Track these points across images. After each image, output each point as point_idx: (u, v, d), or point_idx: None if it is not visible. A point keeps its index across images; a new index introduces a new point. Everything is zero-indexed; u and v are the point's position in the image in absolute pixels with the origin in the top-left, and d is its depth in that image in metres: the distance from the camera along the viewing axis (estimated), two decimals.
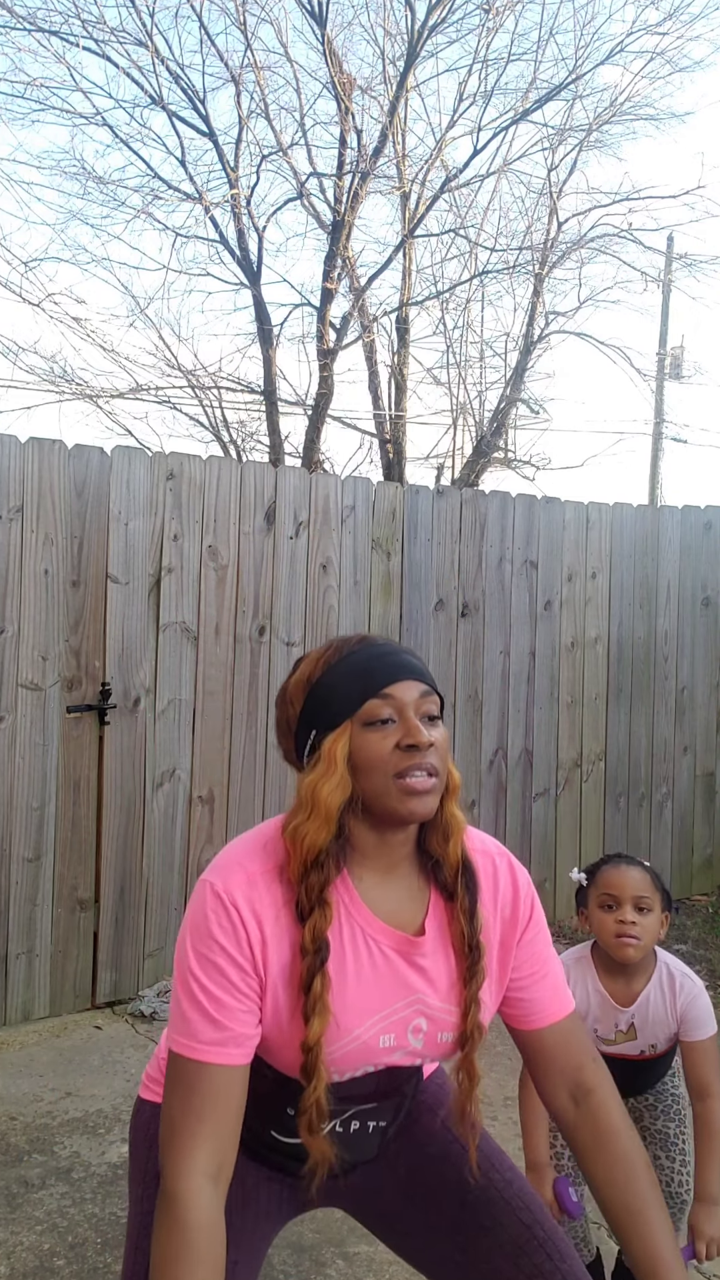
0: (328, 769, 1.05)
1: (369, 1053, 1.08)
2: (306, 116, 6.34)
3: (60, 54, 5.90)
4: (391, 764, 1.05)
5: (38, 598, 3.02)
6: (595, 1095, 1.15)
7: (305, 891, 1.04)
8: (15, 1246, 2.03)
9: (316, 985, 1.01)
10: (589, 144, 7.08)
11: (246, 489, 3.41)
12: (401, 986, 1.09)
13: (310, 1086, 1.01)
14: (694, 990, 1.74)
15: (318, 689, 1.10)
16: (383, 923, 1.10)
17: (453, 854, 1.11)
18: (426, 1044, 1.11)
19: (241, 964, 1.04)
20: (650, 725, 4.43)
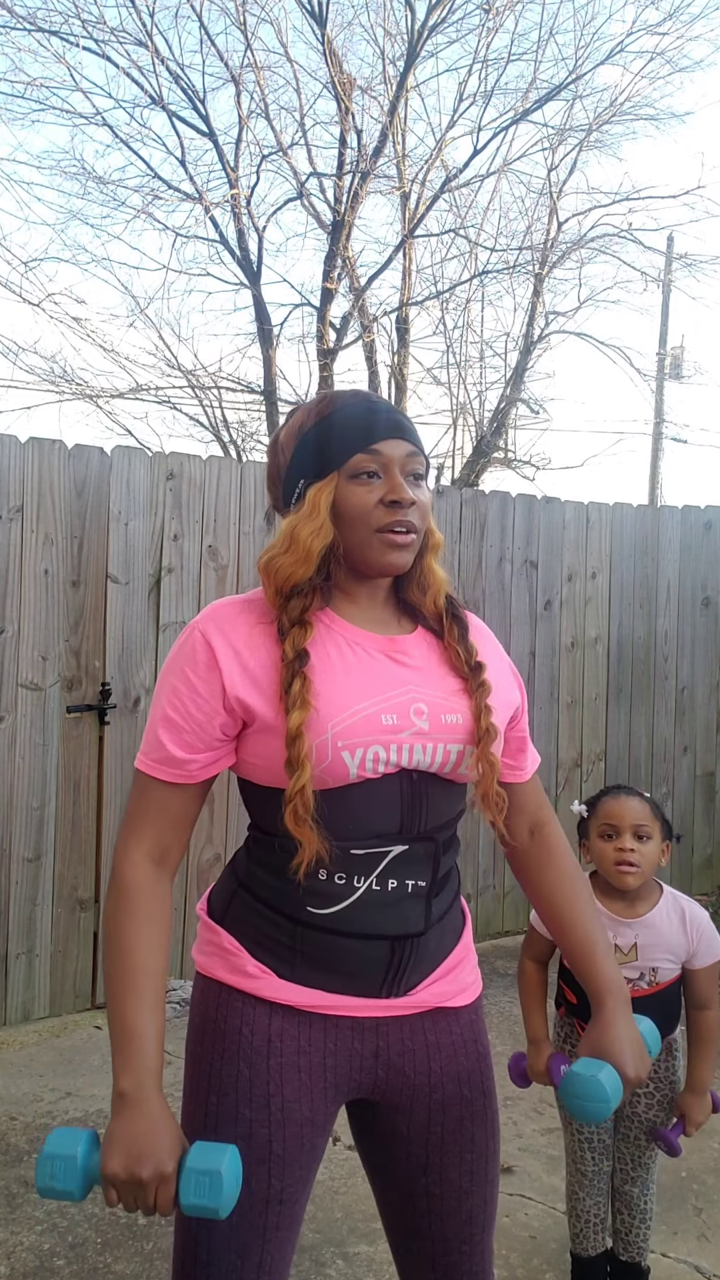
0: (311, 513, 1.11)
1: (374, 726, 1.08)
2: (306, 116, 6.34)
3: (60, 54, 5.90)
4: (374, 518, 1.10)
5: (38, 598, 3.02)
6: (547, 828, 1.31)
7: (285, 614, 1.10)
8: (15, 1246, 2.03)
9: (295, 686, 1.05)
10: (589, 144, 7.08)
11: (246, 489, 3.41)
12: (391, 678, 1.12)
13: (295, 777, 1.04)
14: (702, 919, 1.80)
15: (308, 439, 1.13)
16: (364, 630, 1.15)
17: (429, 604, 1.19)
18: (433, 724, 1.11)
19: (200, 690, 1.09)
20: (650, 725, 4.43)
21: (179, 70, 6.03)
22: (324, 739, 1.06)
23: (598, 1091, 1.14)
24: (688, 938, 1.78)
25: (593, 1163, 1.89)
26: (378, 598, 1.18)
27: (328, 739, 1.06)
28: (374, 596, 1.18)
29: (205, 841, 3.34)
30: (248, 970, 1.14)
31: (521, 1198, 2.28)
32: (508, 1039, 3.02)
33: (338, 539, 1.12)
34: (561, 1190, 2.24)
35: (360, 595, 1.17)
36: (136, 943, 1.08)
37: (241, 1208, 1.09)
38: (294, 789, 1.04)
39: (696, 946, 1.78)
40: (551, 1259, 2.06)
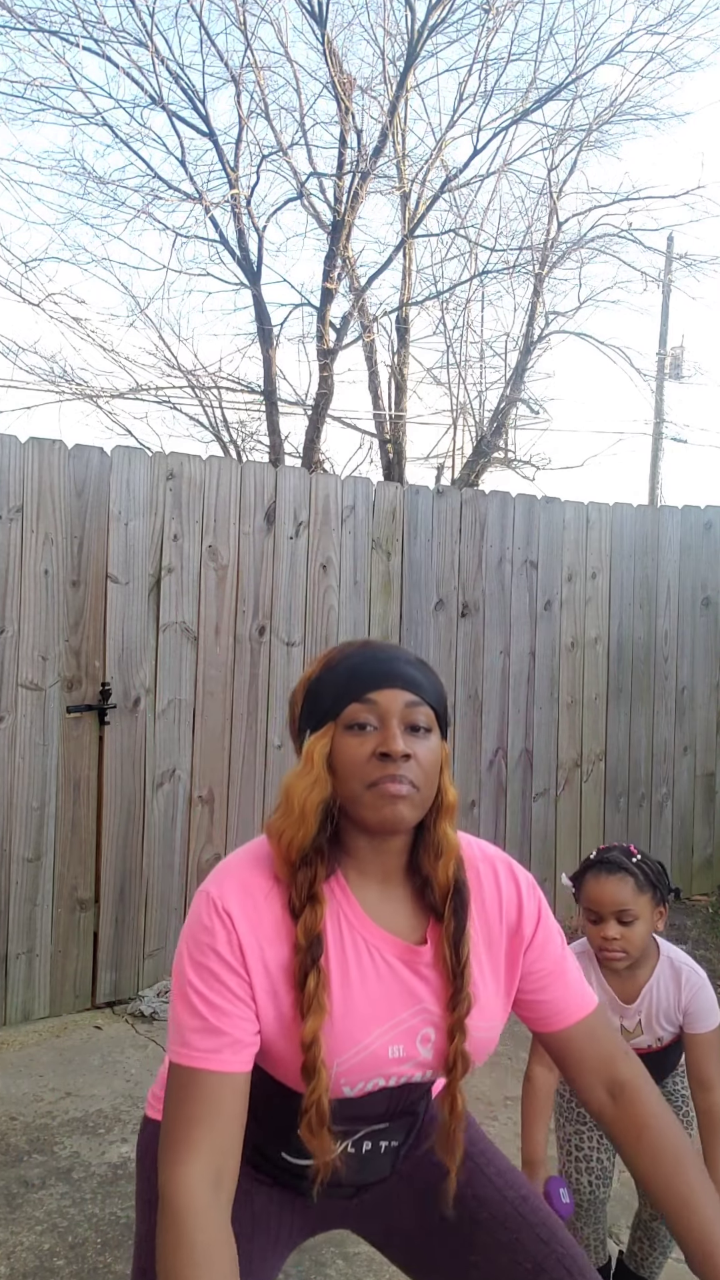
0: (305, 768, 1.06)
1: (379, 1063, 1.06)
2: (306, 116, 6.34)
3: (60, 54, 5.90)
4: (364, 772, 1.04)
5: (38, 598, 3.02)
6: (630, 1087, 1.13)
7: (295, 889, 1.04)
8: (15, 1246, 2.03)
9: (310, 982, 1.00)
10: (589, 144, 7.08)
11: (246, 489, 3.41)
12: (406, 995, 1.08)
13: (310, 1086, 1.00)
14: (698, 983, 1.73)
15: (313, 688, 1.10)
16: (384, 931, 1.09)
17: (442, 875, 1.09)
18: (436, 1054, 1.09)
19: (236, 969, 1.03)
20: (650, 725, 4.43)
21: (179, 70, 6.04)
22: (328, 1073, 1.03)
23: None
24: (680, 997, 1.72)
25: (590, 1189, 1.84)
26: (390, 863, 1.11)
27: (331, 1074, 1.04)
28: (385, 866, 1.10)
29: (205, 841, 3.34)
30: None
31: None
32: (508, 1039, 3.01)
33: (336, 793, 1.06)
34: None
35: (372, 861, 1.10)
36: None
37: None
38: (310, 1099, 1.01)
39: (688, 1007, 1.72)
40: None
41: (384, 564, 3.71)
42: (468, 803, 3.87)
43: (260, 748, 3.44)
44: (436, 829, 1.09)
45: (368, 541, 3.66)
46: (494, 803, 3.95)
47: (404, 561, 3.75)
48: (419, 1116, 1.18)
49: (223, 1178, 0.98)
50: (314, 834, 1.04)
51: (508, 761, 3.99)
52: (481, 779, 3.92)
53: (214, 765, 3.36)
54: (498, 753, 3.96)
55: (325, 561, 3.56)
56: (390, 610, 3.72)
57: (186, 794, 3.31)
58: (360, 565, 3.65)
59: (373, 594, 3.68)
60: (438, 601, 3.83)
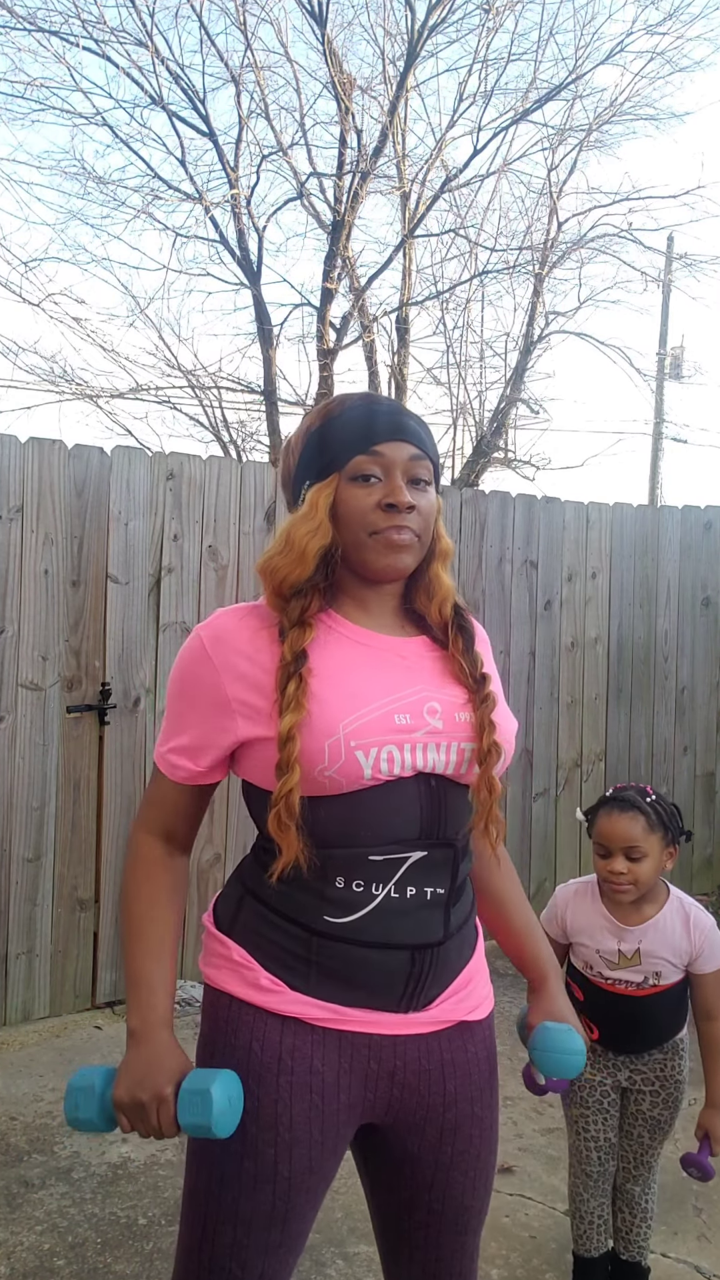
0: (308, 514, 1.10)
1: (387, 726, 1.06)
2: (306, 116, 6.34)
3: (60, 54, 5.90)
4: (370, 521, 1.09)
5: (38, 598, 3.02)
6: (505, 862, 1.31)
7: (286, 614, 1.10)
8: (15, 1246, 2.03)
9: (290, 688, 1.04)
10: (589, 144, 7.07)
11: (246, 489, 3.41)
12: (401, 677, 1.11)
13: (282, 780, 1.03)
14: (709, 922, 1.79)
15: (313, 440, 1.13)
16: (371, 631, 1.14)
17: (435, 613, 1.16)
18: (447, 723, 1.09)
19: (203, 699, 1.10)
20: (650, 725, 4.43)
21: (179, 70, 6.03)
22: (336, 738, 1.03)
23: (573, 1043, 1.21)
24: (691, 941, 1.77)
25: (598, 1162, 1.89)
26: (386, 604, 1.17)
27: (340, 738, 1.03)
28: (382, 603, 1.16)
29: (205, 841, 3.34)
30: (260, 984, 1.11)
31: (521, 1198, 2.28)
32: (507, 1039, 3.01)
33: (337, 540, 1.11)
34: (562, 1190, 2.24)
35: (368, 600, 1.16)
36: (147, 903, 1.15)
37: (245, 1221, 1.08)
38: (281, 791, 1.03)
39: (700, 949, 1.77)
40: (551, 1259, 2.06)
41: None
42: None
43: None
44: (429, 571, 1.16)
45: None
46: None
47: None
48: (459, 854, 1.12)
49: (174, 837, 1.20)
50: (310, 574, 1.10)
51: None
52: None
53: None
54: None
55: None
56: None
57: None
58: None
59: None
60: None
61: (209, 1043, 1.15)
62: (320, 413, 1.15)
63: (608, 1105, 1.89)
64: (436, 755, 1.08)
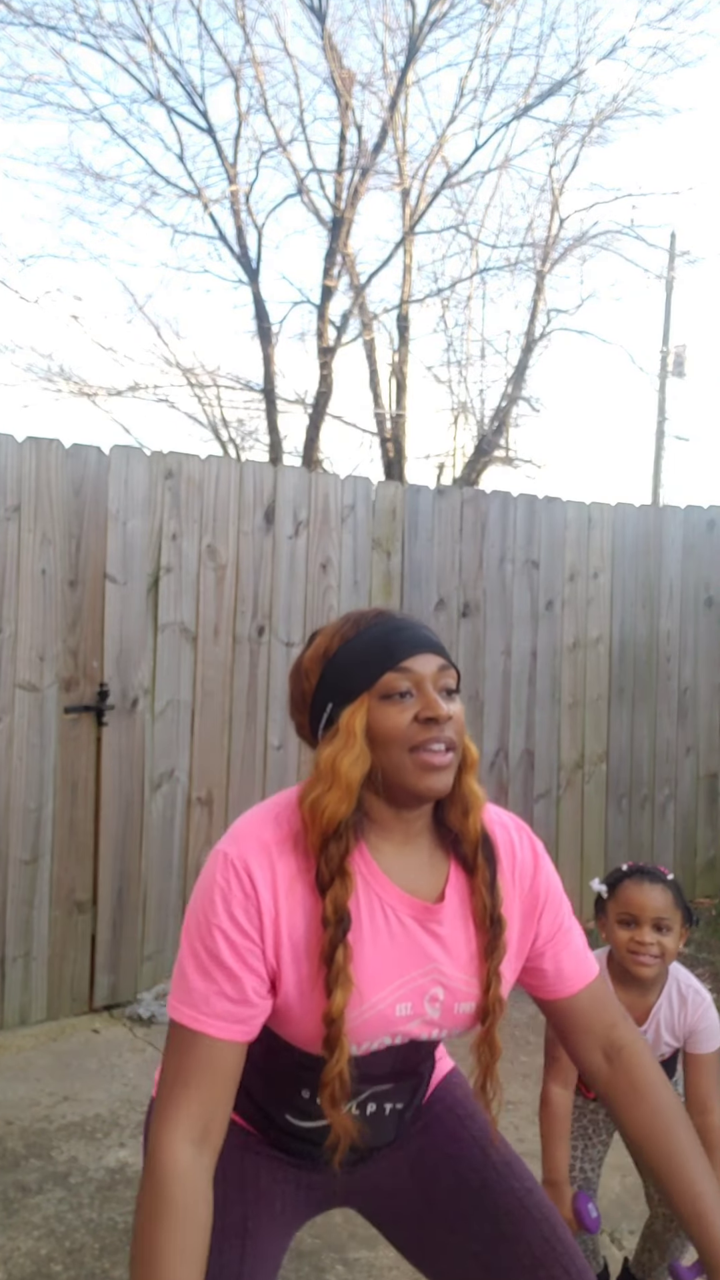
0: (347, 741, 1.05)
1: (387, 1022, 1.06)
2: (306, 112, 6.32)
3: (58, 49, 5.88)
4: (409, 737, 1.05)
5: (35, 598, 2.99)
6: (628, 1050, 1.15)
7: (325, 862, 1.03)
8: (12, 1252, 2.01)
9: (339, 957, 1.00)
10: (590, 140, 7.05)
11: (245, 488, 3.39)
12: (419, 954, 1.08)
13: (333, 1059, 1.00)
14: (703, 1004, 1.73)
15: (335, 662, 1.10)
16: (400, 890, 1.09)
17: (472, 828, 1.12)
18: (444, 1014, 1.09)
19: (250, 934, 1.02)
20: (653, 726, 4.41)
21: (177, 65, 6.01)
22: None
23: None
24: (687, 1016, 1.72)
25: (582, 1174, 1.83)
26: (413, 828, 1.12)
27: None
28: (408, 829, 1.11)
29: (204, 843, 3.32)
30: None
31: None
32: (507, 1041, 2.99)
33: (374, 764, 1.06)
34: None
35: (395, 830, 1.10)
36: (169, 1249, 0.95)
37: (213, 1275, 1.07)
38: (332, 1072, 1.01)
39: (695, 1026, 1.72)
40: None
41: (384, 563, 3.68)
42: None
43: (259, 749, 3.42)
44: (463, 784, 1.12)
45: (368, 541, 3.64)
46: (495, 804, 3.93)
47: (404, 561, 3.73)
48: (423, 1079, 1.17)
49: (209, 1136, 1.00)
50: (354, 809, 1.05)
51: (509, 762, 3.97)
52: (483, 780, 3.88)
53: (213, 766, 3.34)
54: (499, 753, 3.94)
55: (325, 561, 3.54)
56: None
57: (185, 795, 3.29)
58: (360, 565, 3.62)
59: (373, 594, 3.66)
60: (438, 601, 3.80)
61: None
62: (335, 635, 1.12)
63: (591, 1133, 1.84)
64: (424, 1037, 1.12)
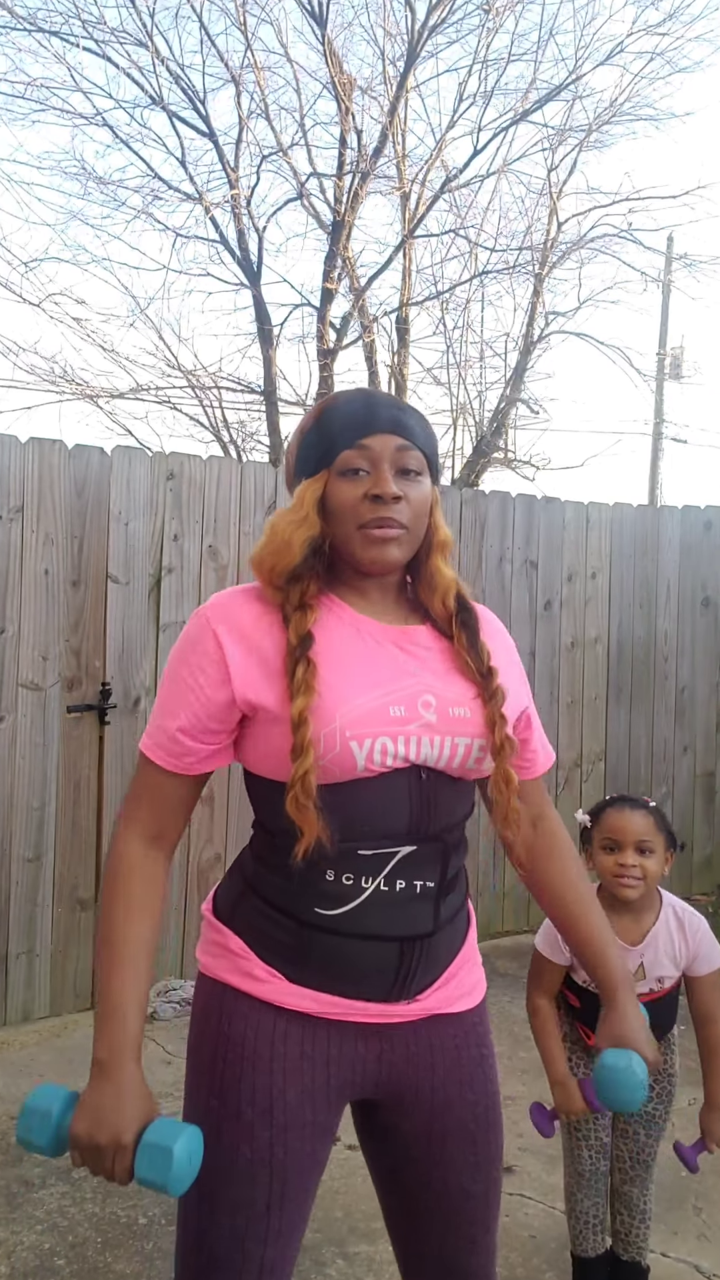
0: (295, 507, 1.12)
1: (381, 718, 1.06)
2: (306, 117, 6.33)
3: (60, 54, 5.90)
4: (357, 513, 1.09)
5: (38, 598, 3.02)
6: (549, 821, 1.31)
7: (286, 600, 1.10)
8: (16, 1246, 2.03)
9: (299, 671, 1.04)
10: (589, 144, 7.07)
11: (247, 489, 3.41)
12: (399, 668, 1.11)
13: (298, 763, 1.03)
14: (701, 927, 1.80)
15: (307, 438, 1.14)
16: (376, 621, 1.14)
17: (438, 606, 1.17)
18: (440, 717, 1.09)
19: (210, 675, 1.09)
20: (650, 725, 4.43)
21: (179, 70, 6.03)
22: (331, 728, 1.04)
23: (632, 1080, 1.17)
24: (687, 944, 1.78)
25: (589, 1161, 1.89)
26: (388, 595, 1.17)
27: (335, 728, 1.05)
28: (384, 593, 1.17)
29: (205, 841, 3.34)
30: (255, 974, 1.13)
31: (521, 1197, 2.28)
32: (507, 1039, 3.02)
33: (327, 533, 1.12)
34: (562, 1189, 2.24)
35: (367, 589, 1.16)
36: (120, 918, 1.10)
37: (244, 1210, 1.09)
38: (297, 774, 1.03)
39: (696, 951, 1.78)
40: (551, 1258, 2.06)
41: None
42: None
43: None
44: (429, 564, 1.17)
45: None
46: None
47: None
48: (449, 848, 1.13)
49: (161, 839, 1.14)
50: (297, 561, 1.10)
51: None
52: None
53: None
54: None
55: None
56: None
57: None
58: None
59: None
60: None
61: (202, 1032, 1.17)
62: (314, 412, 1.16)
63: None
64: (430, 750, 1.09)
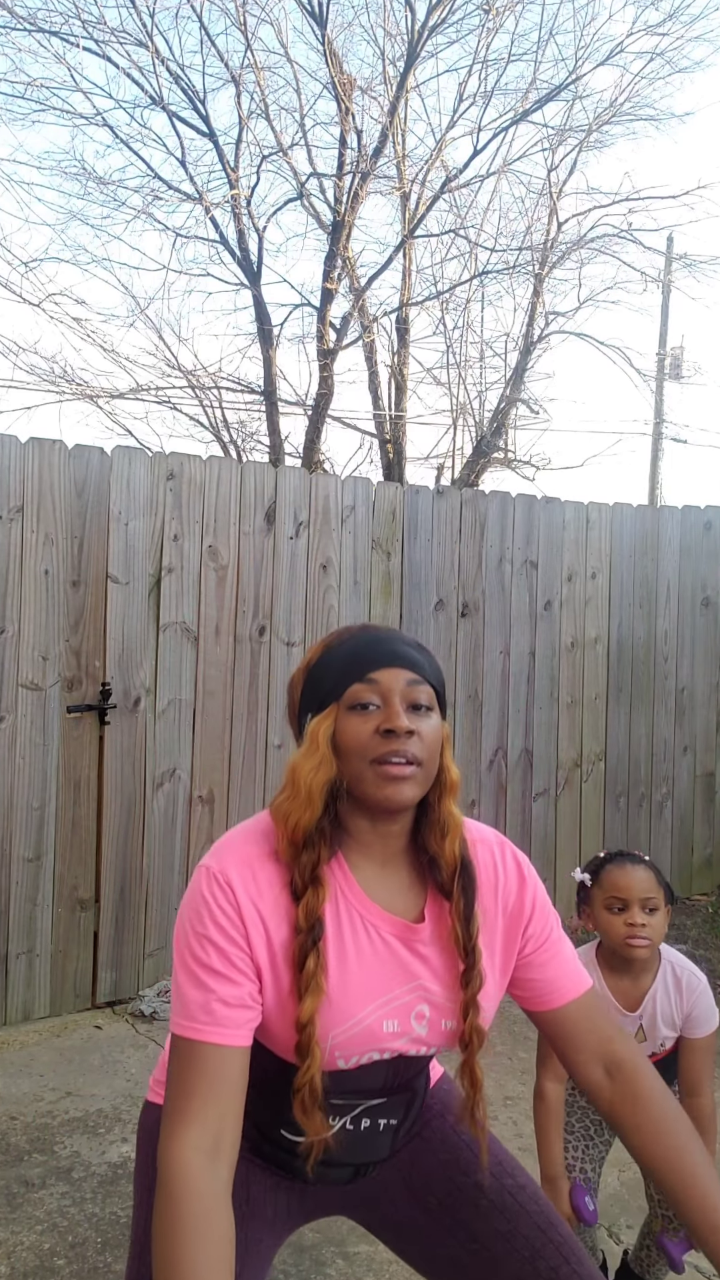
0: (310, 749, 1.07)
1: (374, 1037, 1.07)
2: (306, 117, 6.34)
3: (60, 54, 5.91)
4: (370, 749, 1.05)
5: (38, 598, 3.02)
6: (629, 1064, 1.13)
7: (298, 871, 1.05)
8: (16, 1246, 2.03)
9: (310, 963, 1.01)
10: (589, 144, 7.08)
11: (247, 489, 3.42)
12: (402, 972, 1.09)
13: (304, 1066, 1.01)
14: (699, 987, 1.73)
15: (313, 673, 1.12)
16: (381, 909, 1.10)
17: (449, 852, 1.10)
18: (431, 1030, 1.10)
19: (238, 942, 1.04)
20: (650, 725, 4.43)
21: (179, 70, 6.04)
22: (323, 1046, 1.05)
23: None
24: (683, 1003, 1.72)
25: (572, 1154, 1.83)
26: (391, 845, 1.12)
27: (326, 1047, 1.05)
28: (387, 848, 1.12)
29: (205, 841, 3.34)
30: None
31: None
32: (507, 1038, 3.02)
33: (340, 774, 1.07)
34: None
35: (374, 848, 1.11)
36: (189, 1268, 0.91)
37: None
38: (303, 1079, 1.02)
39: (690, 1012, 1.72)
40: None
41: (384, 564, 3.71)
42: (467, 802, 3.87)
43: (260, 748, 3.45)
44: (441, 807, 1.11)
45: (368, 541, 3.67)
46: (494, 803, 3.95)
47: (404, 561, 3.76)
48: (417, 1094, 1.18)
49: (221, 1146, 0.98)
50: (319, 815, 1.06)
51: (508, 761, 3.99)
52: (481, 779, 3.92)
53: (214, 765, 3.36)
54: (498, 753, 3.96)
55: (325, 561, 3.56)
56: (390, 610, 3.72)
57: (186, 794, 3.31)
58: (360, 565, 3.65)
59: (373, 594, 3.69)
60: (438, 601, 3.83)
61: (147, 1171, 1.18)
62: (320, 646, 1.14)
63: (594, 1134, 1.84)
64: (413, 1052, 1.13)
